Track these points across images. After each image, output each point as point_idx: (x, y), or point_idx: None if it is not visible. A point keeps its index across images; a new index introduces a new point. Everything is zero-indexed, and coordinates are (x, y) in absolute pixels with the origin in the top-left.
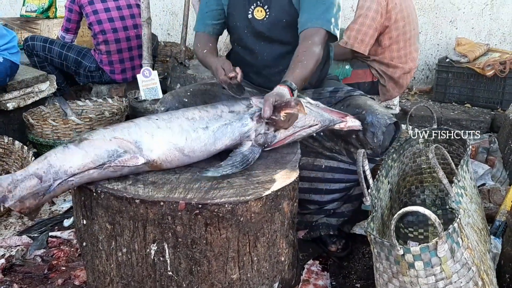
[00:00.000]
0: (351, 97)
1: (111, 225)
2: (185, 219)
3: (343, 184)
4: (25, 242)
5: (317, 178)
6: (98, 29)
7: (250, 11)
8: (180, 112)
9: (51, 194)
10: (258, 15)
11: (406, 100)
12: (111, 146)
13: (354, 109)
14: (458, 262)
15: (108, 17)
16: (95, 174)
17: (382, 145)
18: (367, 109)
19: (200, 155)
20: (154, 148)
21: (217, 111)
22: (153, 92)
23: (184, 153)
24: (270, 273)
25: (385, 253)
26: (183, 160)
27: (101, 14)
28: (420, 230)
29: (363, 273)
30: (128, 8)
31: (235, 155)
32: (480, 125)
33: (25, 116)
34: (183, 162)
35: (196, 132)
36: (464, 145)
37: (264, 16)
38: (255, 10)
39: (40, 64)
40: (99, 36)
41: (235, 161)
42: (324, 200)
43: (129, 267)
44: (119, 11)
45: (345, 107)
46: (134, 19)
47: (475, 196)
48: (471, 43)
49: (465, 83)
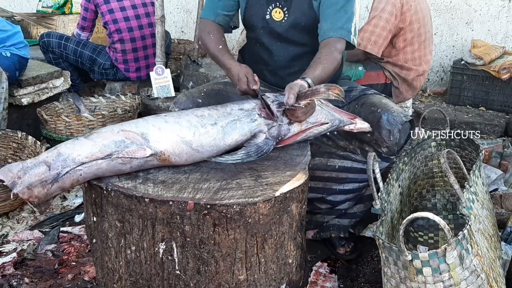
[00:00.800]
0: (365, 96)
1: (120, 223)
2: (194, 219)
3: (356, 184)
4: (36, 236)
5: (331, 178)
6: (113, 28)
7: (268, 11)
8: (190, 110)
9: (59, 183)
10: (277, 16)
11: (419, 102)
12: (118, 137)
13: (369, 107)
14: (467, 269)
15: (124, 16)
16: (104, 165)
17: (398, 143)
18: (382, 107)
19: (209, 149)
20: (161, 140)
21: (227, 109)
22: (166, 90)
23: (192, 147)
24: (277, 274)
25: (393, 258)
26: (192, 155)
27: (117, 13)
28: (430, 235)
29: (372, 277)
30: (143, 6)
31: (250, 146)
32: (494, 129)
33: (39, 111)
34: (192, 157)
35: (205, 127)
36: (477, 150)
37: (283, 17)
38: (273, 11)
39: (55, 61)
40: (115, 35)
41: (249, 150)
42: (337, 200)
43: (138, 265)
44: (134, 10)
45: (359, 106)
46: (149, 18)
47: (486, 202)
48: (487, 45)
49: (480, 86)
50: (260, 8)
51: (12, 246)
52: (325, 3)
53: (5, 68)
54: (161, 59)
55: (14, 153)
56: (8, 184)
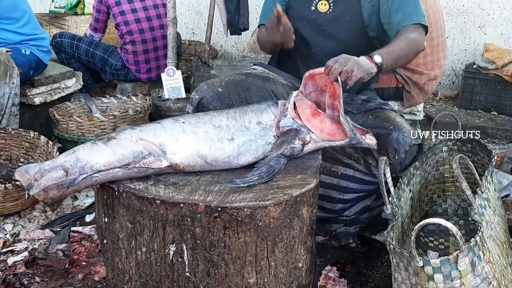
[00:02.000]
0: (381, 110)
1: (131, 224)
2: (204, 222)
3: (355, 195)
4: (47, 236)
5: (332, 185)
6: (125, 30)
7: (314, 2)
8: (208, 117)
9: (74, 187)
10: (322, 8)
11: (430, 105)
12: (137, 147)
13: (382, 122)
14: (478, 276)
15: (135, 18)
16: (120, 173)
17: (402, 163)
18: (395, 125)
19: (222, 165)
20: (178, 152)
21: (245, 121)
22: (176, 91)
23: (207, 161)
24: (287, 278)
25: (404, 264)
26: (205, 167)
27: (128, 15)
28: (441, 240)
29: (381, 282)
30: (154, 8)
31: (261, 166)
32: (506, 134)
33: (51, 111)
34: (204, 169)
35: (221, 142)
36: (489, 155)
37: (328, 9)
38: (319, 2)
39: (68, 61)
40: (126, 36)
41: (261, 171)
42: (335, 209)
43: (148, 266)
44: (146, 12)
45: (373, 118)
46: (161, 19)
47: (498, 208)
48: (499, 49)
49: (492, 90)
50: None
51: (23, 245)
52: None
53: (20, 64)
54: (173, 61)
55: (26, 153)
56: (25, 185)
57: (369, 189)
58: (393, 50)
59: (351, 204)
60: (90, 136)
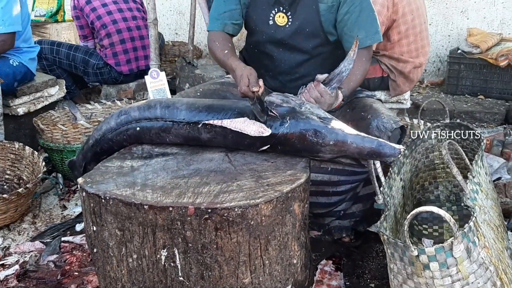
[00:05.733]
0: (357, 99)
1: (120, 231)
2: (195, 224)
3: (349, 185)
4: (38, 247)
5: (324, 181)
6: (99, 25)
7: (271, 16)
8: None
9: None
10: (280, 21)
11: (417, 93)
12: None
13: (360, 112)
14: (475, 262)
15: (106, 11)
16: None
17: None
18: (372, 113)
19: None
20: None
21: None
22: (162, 93)
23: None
24: (282, 276)
25: (399, 254)
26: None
27: (99, 10)
28: (435, 227)
29: (377, 272)
30: (124, 2)
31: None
32: (494, 117)
33: (35, 121)
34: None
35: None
36: (478, 139)
37: (286, 22)
38: (277, 15)
39: (49, 67)
40: (101, 31)
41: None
42: (331, 202)
43: (140, 273)
44: (116, 5)
45: (350, 111)
46: (132, 12)
47: (490, 192)
48: (483, 33)
49: (478, 74)
50: (262, 13)
51: (14, 258)
52: (352, 11)
53: (3, 75)
54: (156, 62)
55: (12, 164)
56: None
57: (361, 178)
58: (354, 84)
59: (346, 195)
60: (76, 144)
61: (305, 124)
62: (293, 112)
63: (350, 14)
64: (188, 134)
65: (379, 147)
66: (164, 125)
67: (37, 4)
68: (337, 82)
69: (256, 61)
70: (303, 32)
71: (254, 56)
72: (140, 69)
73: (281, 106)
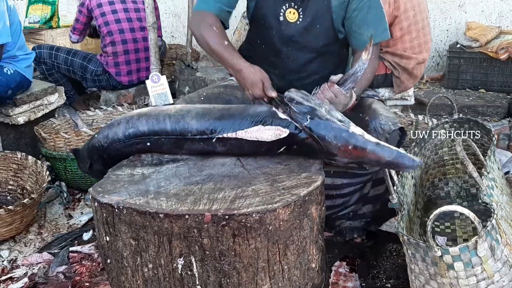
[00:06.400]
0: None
1: (135, 241)
2: (212, 231)
3: (352, 187)
4: (46, 259)
5: (328, 185)
6: (105, 31)
7: (282, 11)
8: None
9: None
10: (291, 17)
11: (418, 89)
12: None
13: (358, 113)
14: (499, 260)
15: (115, 18)
16: None
17: None
18: (370, 115)
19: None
20: None
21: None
22: (163, 97)
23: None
24: (301, 281)
25: (421, 254)
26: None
27: (108, 16)
28: (447, 224)
29: (392, 272)
30: (135, 11)
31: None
32: (497, 111)
33: (37, 130)
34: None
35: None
36: (488, 134)
37: (297, 19)
38: (287, 11)
39: (48, 72)
40: (106, 37)
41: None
42: (336, 204)
43: (156, 283)
44: (126, 13)
45: (350, 111)
46: (141, 22)
47: (504, 187)
48: (481, 26)
49: (478, 68)
50: (273, 7)
51: (22, 270)
52: (361, 8)
53: None
54: (156, 66)
55: (15, 175)
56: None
57: (364, 179)
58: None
59: (350, 197)
60: None
61: (326, 125)
62: (314, 111)
63: (358, 11)
64: (202, 148)
65: (398, 158)
66: (177, 141)
67: (30, 11)
68: (351, 82)
69: (262, 58)
70: (314, 29)
71: (260, 53)
72: (140, 80)
73: (301, 104)
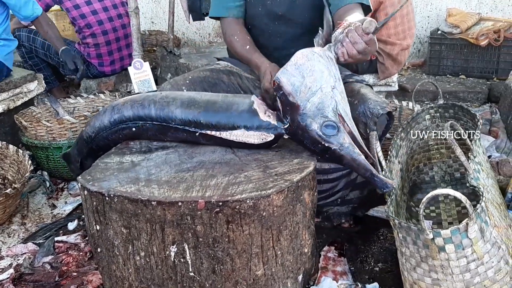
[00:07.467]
0: (346, 84)
1: (126, 229)
2: (205, 218)
3: (340, 172)
4: (31, 249)
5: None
6: (83, 24)
7: None
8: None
9: None
10: None
11: (400, 75)
12: None
13: (347, 98)
14: (488, 242)
15: (91, 10)
16: None
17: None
18: (359, 99)
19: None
20: None
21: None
22: (146, 84)
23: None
24: (294, 265)
25: (412, 238)
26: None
27: (83, 8)
28: (432, 208)
29: (380, 256)
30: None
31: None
32: (477, 96)
33: (17, 118)
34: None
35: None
36: (473, 119)
37: None
38: None
39: (28, 55)
40: (85, 30)
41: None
42: (323, 189)
43: (148, 271)
44: (101, 3)
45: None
46: (117, 9)
47: (489, 171)
48: (462, 13)
49: (459, 54)
50: None
51: (7, 261)
52: None
53: None
54: (139, 53)
55: None
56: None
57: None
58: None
59: (338, 182)
60: (62, 141)
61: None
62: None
63: None
64: (186, 138)
65: (372, 177)
66: (161, 128)
67: None
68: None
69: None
70: (300, 3)
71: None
72: (123, 68)
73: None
